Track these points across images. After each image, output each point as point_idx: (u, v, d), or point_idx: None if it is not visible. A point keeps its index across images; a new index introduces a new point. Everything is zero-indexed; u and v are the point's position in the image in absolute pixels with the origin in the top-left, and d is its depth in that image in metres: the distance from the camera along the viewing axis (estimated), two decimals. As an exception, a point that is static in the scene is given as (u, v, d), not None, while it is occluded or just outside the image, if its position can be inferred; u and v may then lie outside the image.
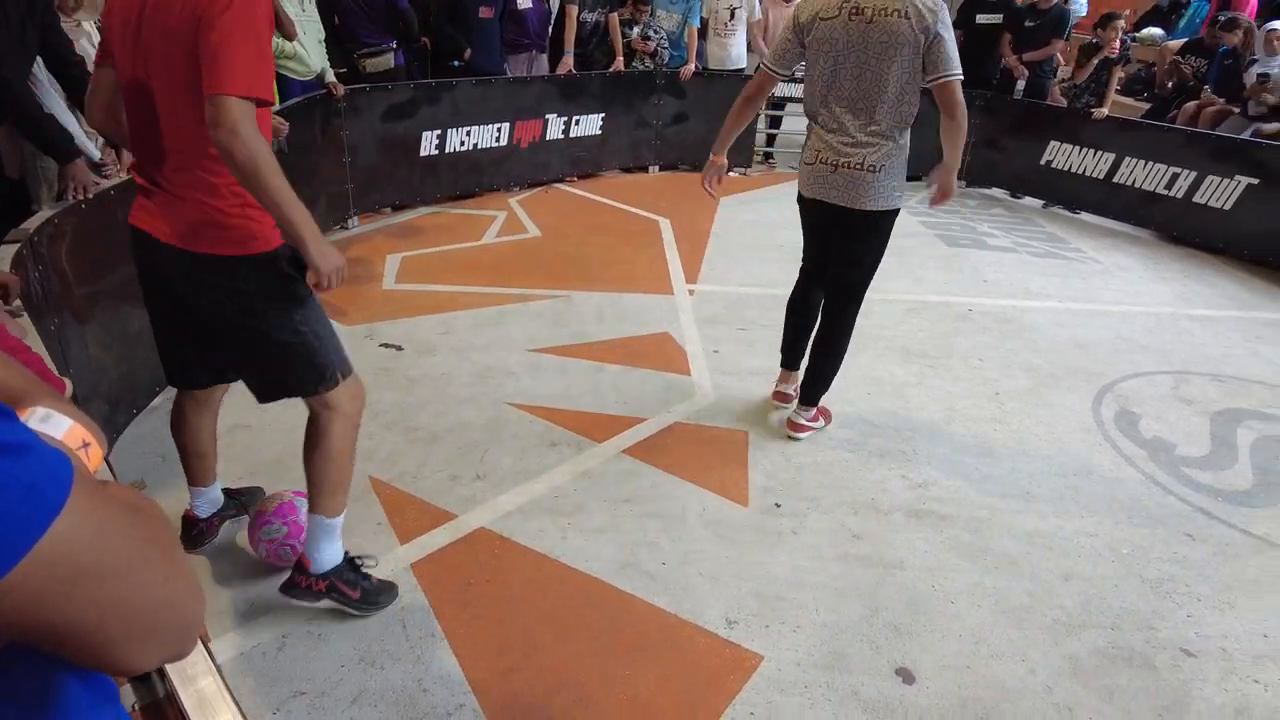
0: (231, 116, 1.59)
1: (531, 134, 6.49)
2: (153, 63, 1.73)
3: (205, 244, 1.83)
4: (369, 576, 2.25)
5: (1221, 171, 5.86)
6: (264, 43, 1.67)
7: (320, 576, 2.15)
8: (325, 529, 2.13)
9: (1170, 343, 4.36)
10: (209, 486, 2.43)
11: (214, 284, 1.87)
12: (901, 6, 2.67)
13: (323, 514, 2.11)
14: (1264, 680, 2.19)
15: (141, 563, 0.55)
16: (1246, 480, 3.13)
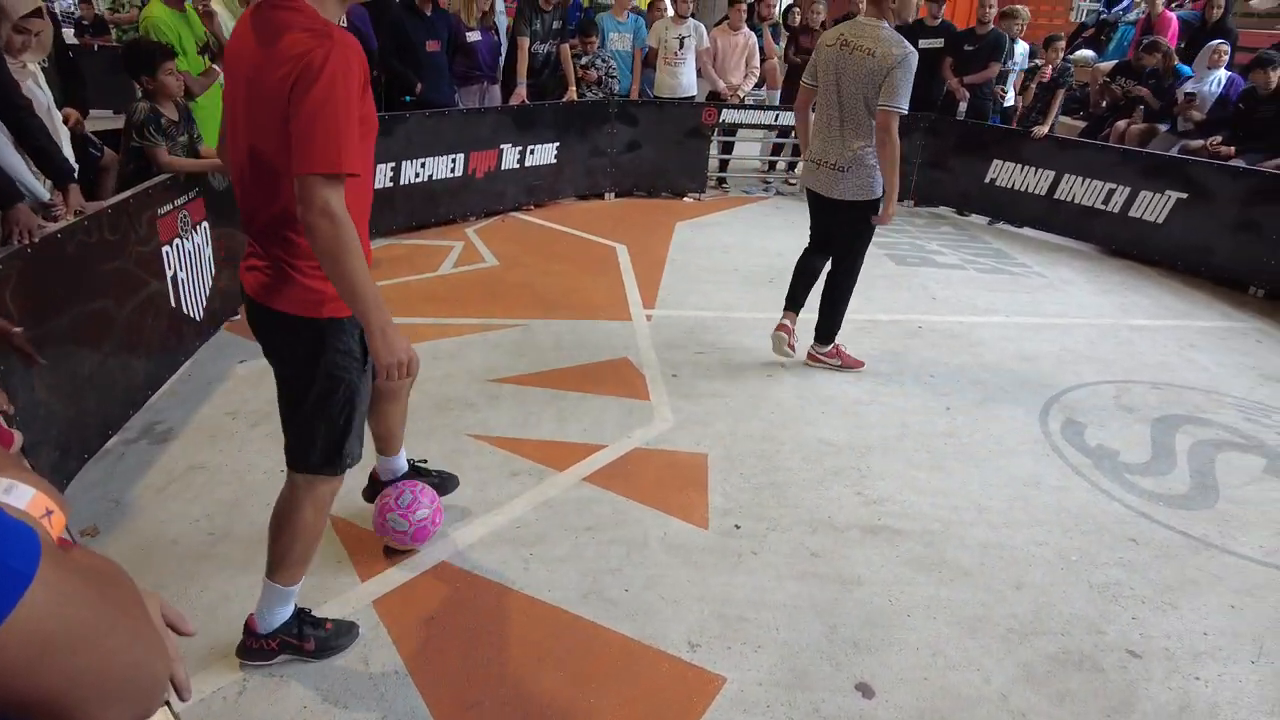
0: (321, 196, 1.60)
1: (487, 164, 6.54)
2: (250, 122, 1.75)
3: (279, 301, 1.85)
4: (323, 623, 2.23)
5: (1154, 187, 6.11)
6: (353, 114, 1.64)
7: (268, 636, 2.15)
8: (279, 595, 2.14)
9: (1112, 353, 4.52)
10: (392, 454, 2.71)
11: (280, 339, 1.92)
12: (871, 46, 3.48)
13: (279, 583, 2.12)
14: (1204, 677, 2.27)
15: (109, 628, 0.56)
16: (1184, 484, 3.25)
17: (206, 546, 2.64)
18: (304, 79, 1.59)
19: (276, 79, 1.62)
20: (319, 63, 1.59)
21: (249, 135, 1.76)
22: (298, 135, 1.61)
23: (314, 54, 1.60)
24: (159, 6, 4.31)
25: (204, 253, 3.99)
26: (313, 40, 1.61)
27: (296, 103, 1.60)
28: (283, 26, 1.65)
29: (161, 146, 3.68)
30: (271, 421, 3.40)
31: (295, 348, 1.90)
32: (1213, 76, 6.43)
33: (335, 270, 1.66)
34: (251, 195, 1.82)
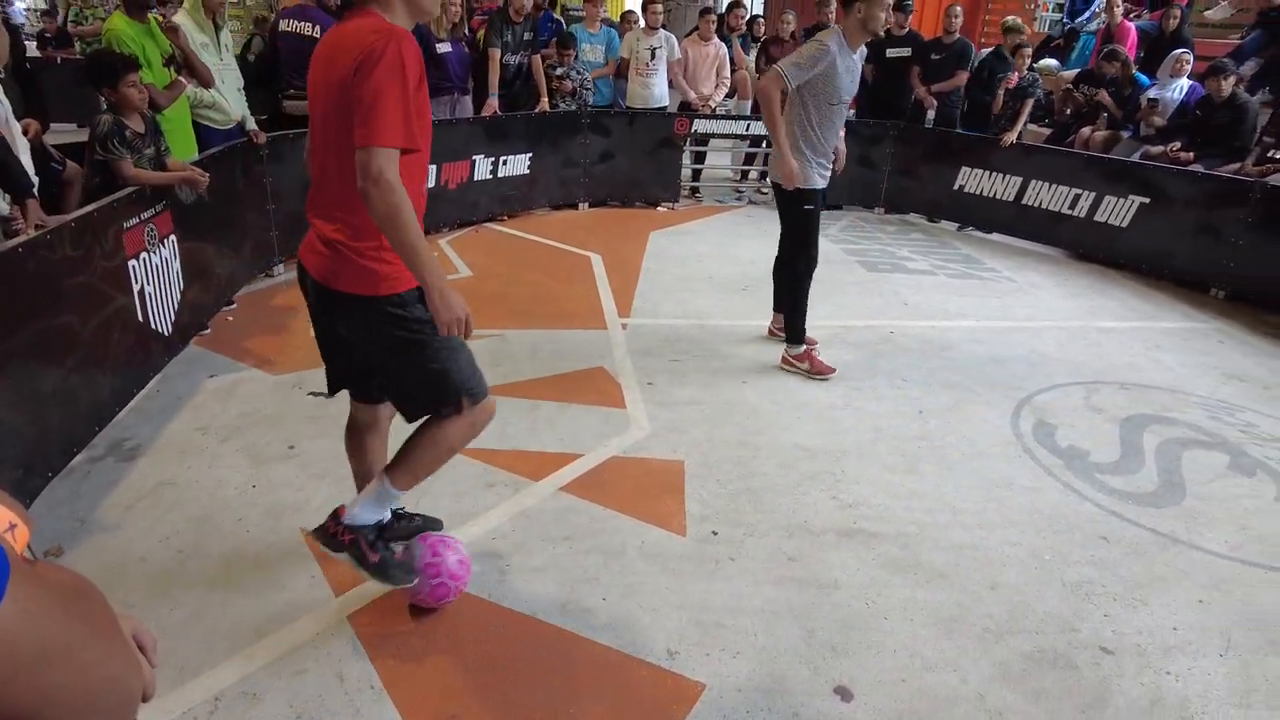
0: (377, 165, 1.76)
1: (459, 175, 6.52)
2: (324, 118, 1.94)
3: (342, 282, 1.98)
4: (392, 550, 2.28)
5: (1117, 192, 6.24)
6: (409, 97, 1.81)
7: (348, 528, 2.20)
8: (382, 494, 2.20)
9: (1081, 355, 4.59)
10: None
11: (349, 318, 2.04)
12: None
13: (392, 483, 2.17)
14: (1174, 671, 2.31)
15: (80, 645, 0.55)
16: (1153, 482, 3.30)
17: (176, 564, 2.59)
18: (366, 63, 1.78)
19: (344, 67, 1.82)
20: (380, 49, 1.78)
21: (323, 130, 1.94)
22: (360, 113, 1.78)
23: (376, 43, 1.79)
24: (121, 19, 4.25)
25: (172, 267, 3.93)
26: (376, 34, 1.81)
27: (359, 85, 1.79)
28: (353, 31, 1.87)
29: (126, 159, 3.63)
30: (243, 436, 3.36)
31: (372, 325, 2.02)
32: (1175, 84, 6.58)
33: (393, 232, 1.81)
34: (318, 182, 2.01)
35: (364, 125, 1.78)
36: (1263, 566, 2.81)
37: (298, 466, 3.17)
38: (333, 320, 2.11)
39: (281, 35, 5.52)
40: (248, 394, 3.74)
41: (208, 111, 4.77)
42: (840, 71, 3.80)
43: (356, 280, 1.97)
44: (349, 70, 1.81)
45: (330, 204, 1.99)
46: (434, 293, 1.89)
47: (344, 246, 1.96)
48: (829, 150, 4.03)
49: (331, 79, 1.87)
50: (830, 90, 3.84)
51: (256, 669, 2.19)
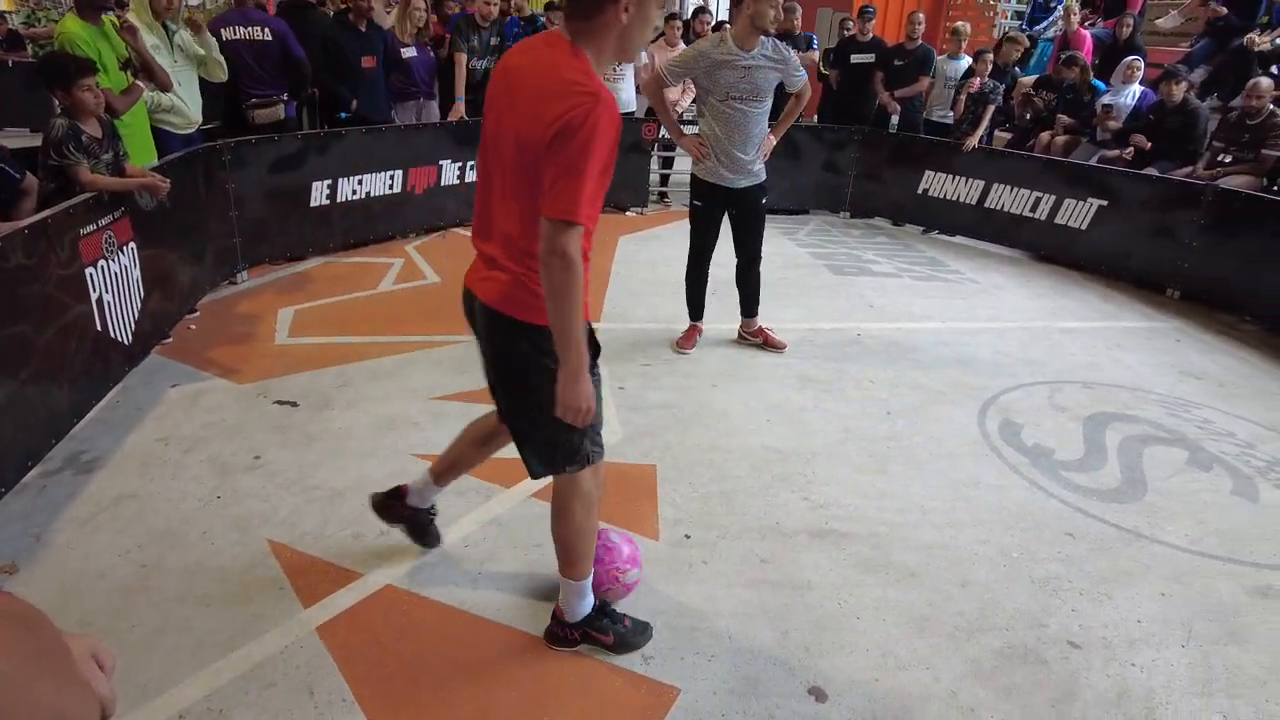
0: (563, 240, 1.74)
1: (426, 180, 6.46)
2: (500, 156, 1.90)
3: (512, 308, 1.97)
4: (621, 619, 2.34)
5: (1077, 195, 6.37)
6: (597, 171, 1.76)
7: (573, 626, 2.29)
8: (574, 589, 2.27)
9: (1044, 355, 4.68)
10: (438, 488, 2.58)
11: (512, 344, 2.01)
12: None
13: (571, 579, 2.26)
14: (1139, 663, 2.35)
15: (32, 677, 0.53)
16: (1115, 479, 3.37)
17: (138, 579, 2.53)
18: (573, 130, 1.72)
19: (542, 124, 1.75)
20: (580, 121, 1.72)
21: (500, 159, 1.91)
22: (550, 181, 1.75)
23: (577, 112, 1.72)
24: (74, 21, 4.14)
25: (131, 274, 3.84)
26: (585, 96, 1.73)
27: (555, 153, 1.74)
28: (557, 70, 1.80)
29: (81, 164, 3.54)
30: (207, 447, 3.29)
31: (532, 355, 1.98)
32: (1129, 90, 6.75)
33: (557, 308, 1.80)
34: (494, 213, 1.97)
35: (558, 196, 1.74)
36: (1220, 559, 2.88)
37: (264, 477, 3.11)
38: (491, 346, 2.10)
39: (229, 44, 5.36)
40: (212, 404, 3.67)
41: (166, 116, 4.68)
42: (723, 71, 3.87)
43: (530, 308, 1.94)
44: (546, 131, 1.74)
45: (508, 235, 1.94)
46: (569, 375, 1.86)
47: (525, 276, 1.92)
48: (733, 150, 4.04)
49: (527, 118, 1.80)
50: (716, 88, 3.92)
51: (223, 684, 2.14)
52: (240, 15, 5.49)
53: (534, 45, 1.93)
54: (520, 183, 1.85)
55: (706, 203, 4.22)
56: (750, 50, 3.87)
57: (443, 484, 2.58)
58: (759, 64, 3.91)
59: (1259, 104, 5.72)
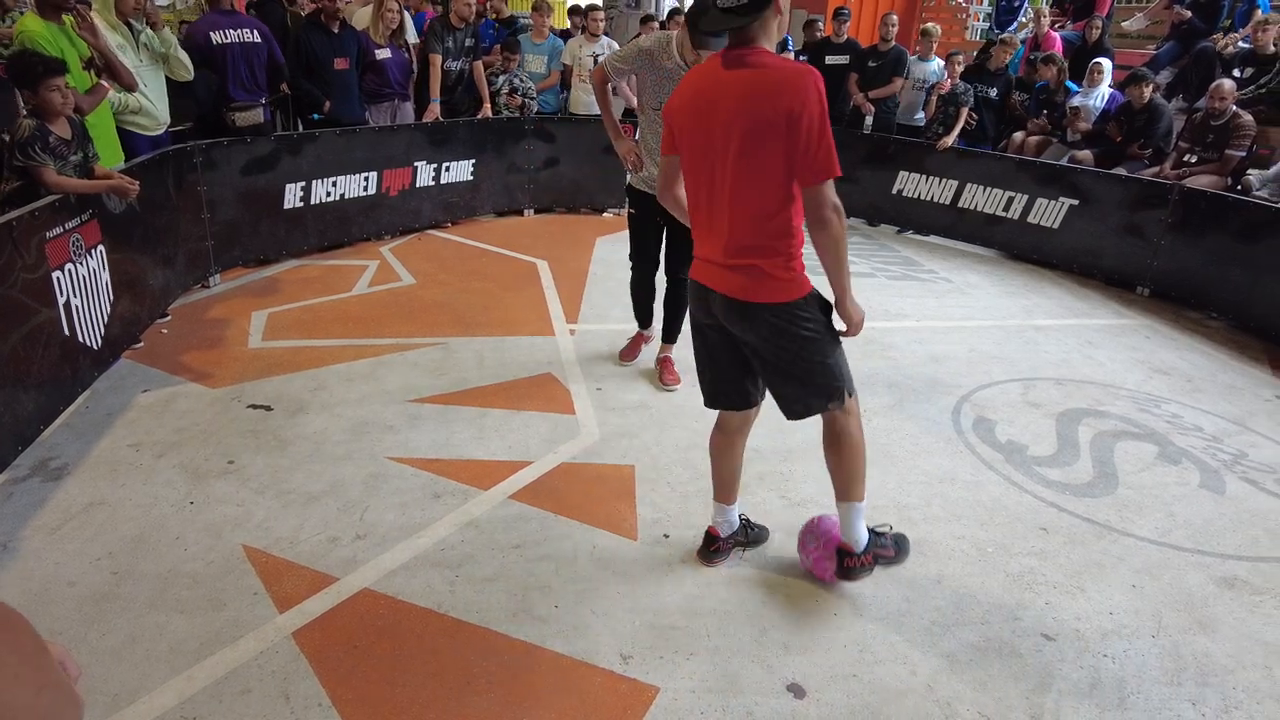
0: (833, 194, 2.08)
1: (401, 182, 6.42)
2: (724, 154, 2.13)
3: (766, 295, 2.22)
4: (884, 534, 2.62)
5: (1048, 194, 6.46)
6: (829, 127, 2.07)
7: (864, 553, 2.48)
8: (857, 512, 2.46)
9: (1017, 352, 4.73)
10: (731, 505, 2.71)
11: (763, 325, 2.25)
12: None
13: (853, 500, 2.45)
14: (1111, 654, 2.39)
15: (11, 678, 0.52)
16: (1088, 473, 3.42)
17: (109, 586, 2.49)
18: (804, 103, 2.01)
19: (776, 108, 2.03)
20: (812, 88, 2.02)
21: (740, 164, 2.12)
22: (801, 153, 2.04)
23: (806, 83, 2.02)
24: (34, 20, 4.05)
25: (100, 278, 3.78)
26: (798, 74, 2.04)
27: (803, 124, 2.02)
28: (761, 67, 2.08)
29: (48, 166, 3.48)
30: (179, 452, 3.25)
31: (781, 328, 2.25)
32: (1096, 92, 6.85)
33: (837, 250, 2.13)
34: (727, 214, 2.20)
35: (814, 162, 2.04)
36: (1189, 550, 2.93)
37: (238, 481, 3.08)
38: (744, 331, 2.30)
39: (219, 48, 5.28)
40: (184, 408, 3.62)
41: (134, 118, 4.62)
42: (661, 78, 3.54)
43: (773, 291, 2.22)
44: (784, 111, 2.01)
45: (745, 232, 2.19)
46: (848, 299, 2.25)
47: (763, 265, 2.20)
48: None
49: (756, 116, 2.05)
50: (651, 96, 3.61)
51: (196, 691, 2.12)
52: (227, 18, 5.41)
53: (716, 65, 2.17)
54: (763, 167, 2.10)
55: (641, 210, 3.95)
56: (691, 62, 3.44)
57: (731, 499, 2.71)
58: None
59: (1222, 105, 5.83)
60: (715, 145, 2.16)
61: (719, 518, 2.71)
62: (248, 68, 5.42)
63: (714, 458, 2.67)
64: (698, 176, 2.26)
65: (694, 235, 2.37)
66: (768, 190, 2.12)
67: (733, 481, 2.69)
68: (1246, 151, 5.86)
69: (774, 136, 2.05)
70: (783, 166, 2.08)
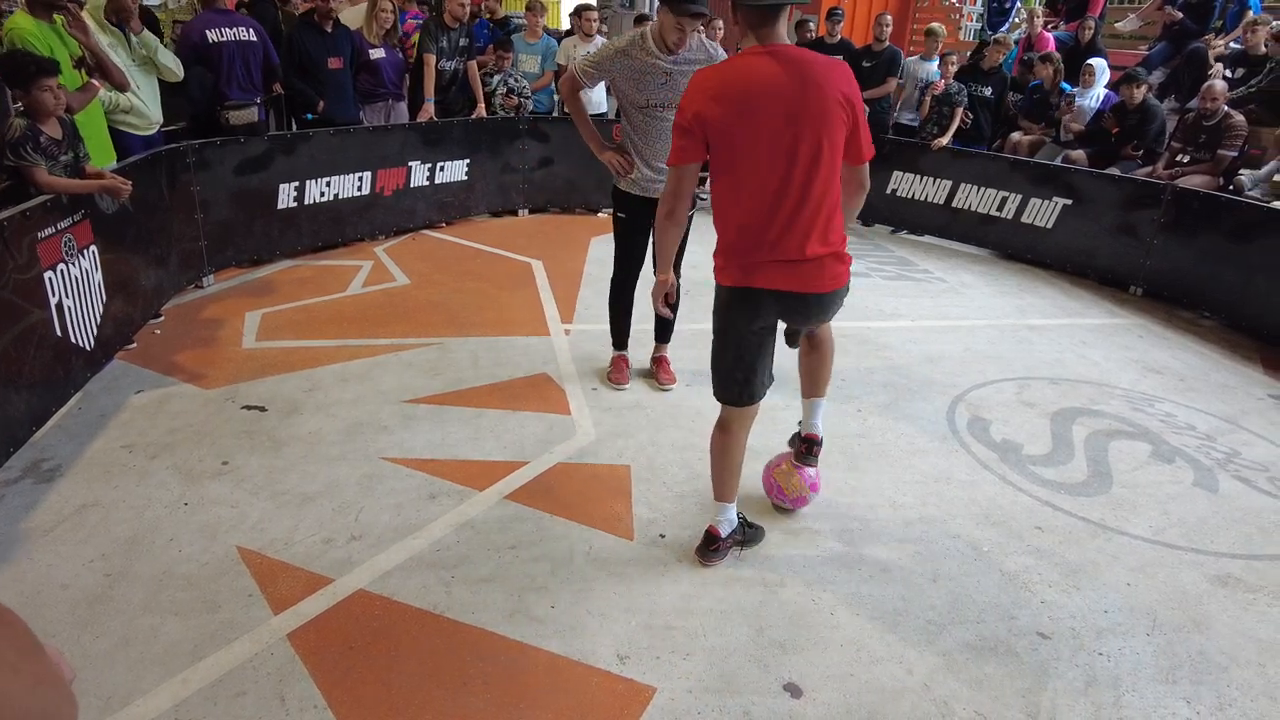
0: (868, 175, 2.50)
1: (395, 182, 6.41)
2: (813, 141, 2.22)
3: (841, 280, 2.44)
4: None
5: (1042, 194, 6.47)
6: None
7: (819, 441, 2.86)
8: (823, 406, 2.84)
9: (1012, 351, 4.74)
10: (731, 504, 2.71)
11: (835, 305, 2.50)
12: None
13: (824, 398, 2.86)
14: (1106, 651, 2.39)
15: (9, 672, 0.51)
16: (1082, 472, 3.43)
17: (103, 589, 2.48)
18: (854, 94, 2.26)
19: (843, 93, 2.23)
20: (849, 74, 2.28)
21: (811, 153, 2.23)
22: (857, 133, 2.31)
23: (844, 67, 2.27)
24: (25, 17, 4.01)
25: (93, 278, 3.76)
26: (835, 60, 2.28)
27: (854, 112, 2.26)
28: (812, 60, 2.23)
29: (39, 166, 3.46)
30: (173, 453, 3.23)
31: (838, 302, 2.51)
32: (1091, 93, 6.87)
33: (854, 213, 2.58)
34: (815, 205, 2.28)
35: (865, 142, 2.33)
36: (1183, 548, 2.94)
37: (232, 482, 3.06)
38: (818, 318, 2.53)
39: (215, 46, 5.24)
40: (177, 409, 3.61)
41: (126, 117, 4.59)
42: (643, 76, 3.42)
43: (845, 274, 2.44)
44: (845, 94, 2.23)
45: (820, 219, 2.30)
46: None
47: (836, 252, 2.37)
48: (655, 163, 3.59)
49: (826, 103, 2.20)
50: (636, 95, 3.47)
51: (191, 694, 2.11)
52: (223, 16, 5.38)
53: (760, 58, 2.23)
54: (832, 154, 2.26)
55: (632, 215, 3.78)
56: (674, 44, 3.34)
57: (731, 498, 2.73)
58: (683, 68, 3.41)
59: (1214, 106, 5.86)
60: (784, 139, 2.22)
61: (719, 516, 2.70)
62: (243, 67, 5.39)
63: (716, 457, 2.68)
64: (767, 174, 2.25)
65: (749, 240, 2.33)
66: (835, 173, 2.29)
67: (734, 480, 2.68)
68: (1238, 152, 5.89)
69: (842, 120, 2.23)
70: (842, 147, 2.28)
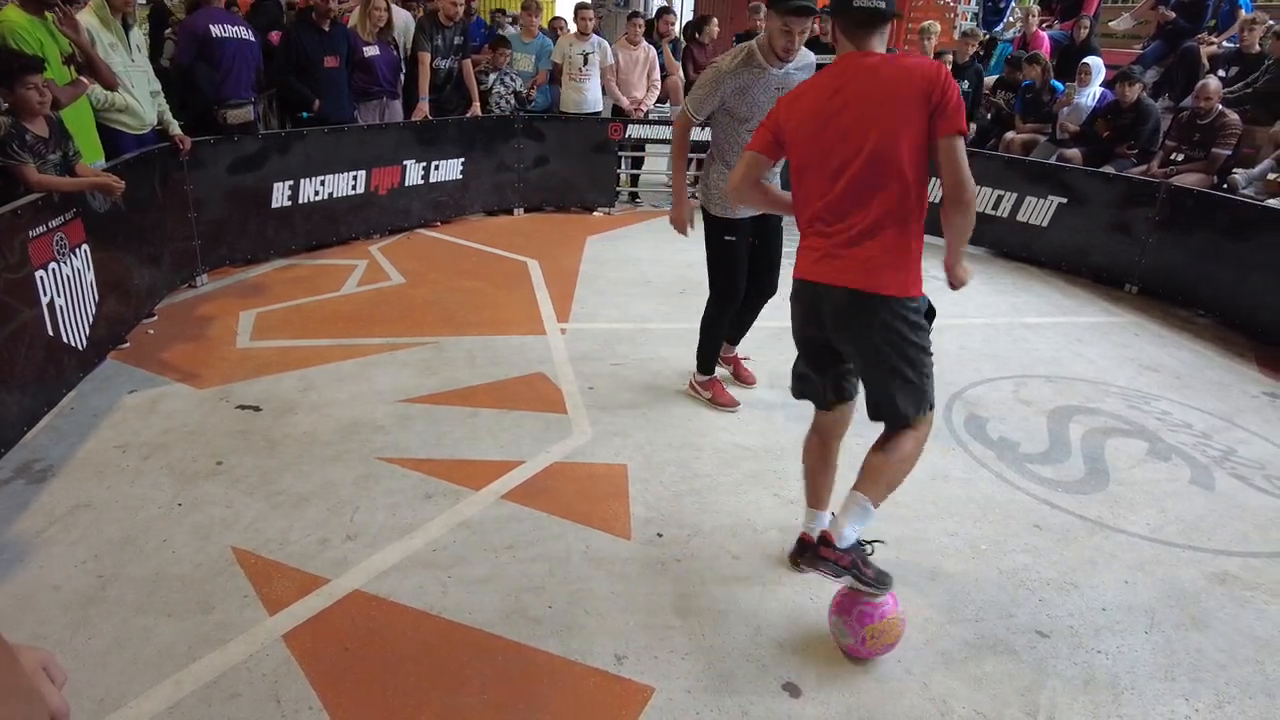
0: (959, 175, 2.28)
1: (390, 180, 6.38)
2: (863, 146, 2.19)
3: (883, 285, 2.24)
4: (869, 552, 2.31)
5: (1038, 193, 6.48)
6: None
7: (844, 551, 2.23)
8: (863, 511, 2.26)
9: (1008, 350, 4.74)
10: (824, 512, 2.60)
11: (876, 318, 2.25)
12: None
13: (868, 497, 2.25)
14: (1104, 650, 2.39)
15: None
16: (1079, 470, 3.43)
17: (95, 590, 2.46)
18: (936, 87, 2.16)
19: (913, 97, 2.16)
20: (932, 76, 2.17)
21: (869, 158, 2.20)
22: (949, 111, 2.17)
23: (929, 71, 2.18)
24: (16, 11, 3.96)
25: (85, 277, 3.73)
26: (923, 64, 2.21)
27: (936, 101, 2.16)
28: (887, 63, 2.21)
29: (29, 165, 3.43)
30: (167, 453, 3.21)
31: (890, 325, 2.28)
32: (1087, 91, 6.88)
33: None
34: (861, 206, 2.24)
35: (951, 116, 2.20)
36: (1180, 546, 2.94)
37: (227, 483, 3.04)
38: (859, 324, 2.29)
39: (217, 41, 5.22)
40: (171, 409, 3.58)
41: (119, 116, 4.55)
42: (753, 92, 3.31)
43: (896, 283, 2.25)
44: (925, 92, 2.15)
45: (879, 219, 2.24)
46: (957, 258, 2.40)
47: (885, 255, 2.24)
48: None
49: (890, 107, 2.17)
50: (740, 109, 3.36)
51: (185, 695, 2.09)
52: (224, 14, 5.36)
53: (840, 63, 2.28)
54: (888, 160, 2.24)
55: (737, 234, 3.63)
56: (782, 50, 3.22)
57: (823, 505, 2.63)
58: (794, 76, 3.31)
59: (1208, 104, 5.87)
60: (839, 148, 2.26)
61: (810, 524, 2.62)
62: (244, 66, 5.38)
63: (813, 468, 2.63)
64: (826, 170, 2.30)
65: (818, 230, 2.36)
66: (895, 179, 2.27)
67: (824, 486, 2.62)
68: (1232, 150, 5.90)
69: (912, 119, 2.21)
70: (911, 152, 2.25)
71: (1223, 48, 7.33)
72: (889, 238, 2.25)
